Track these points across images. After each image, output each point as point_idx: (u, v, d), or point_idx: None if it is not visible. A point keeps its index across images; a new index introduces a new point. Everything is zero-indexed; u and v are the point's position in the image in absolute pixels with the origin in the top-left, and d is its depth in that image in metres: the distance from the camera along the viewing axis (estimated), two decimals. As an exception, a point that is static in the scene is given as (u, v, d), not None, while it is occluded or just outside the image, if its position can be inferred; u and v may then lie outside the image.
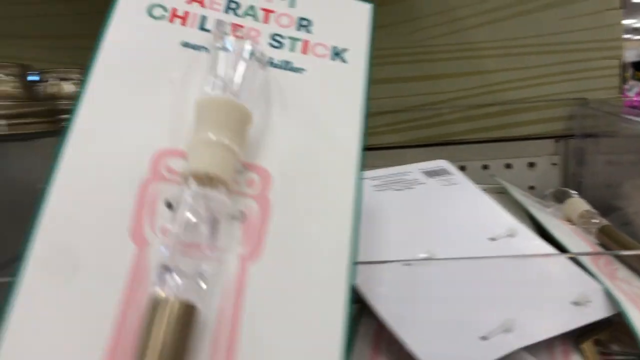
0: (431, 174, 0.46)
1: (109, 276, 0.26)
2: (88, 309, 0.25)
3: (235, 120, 0.28)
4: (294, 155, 0.30)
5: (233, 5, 0.33)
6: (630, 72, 2.38)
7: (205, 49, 0.31)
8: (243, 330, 0.25)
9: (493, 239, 0.41)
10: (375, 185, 0.44)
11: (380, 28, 0.73)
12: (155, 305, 0.24)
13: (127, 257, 0.26)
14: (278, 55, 0.32)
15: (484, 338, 0.33)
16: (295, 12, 0.34)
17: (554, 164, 0.73)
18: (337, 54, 0.33)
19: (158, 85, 0.30)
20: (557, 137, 0.73)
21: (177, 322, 0.23)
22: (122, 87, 0.30)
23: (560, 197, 0.60)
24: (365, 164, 0.31)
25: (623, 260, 0.42)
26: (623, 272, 0.41)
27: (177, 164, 0.28)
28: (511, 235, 0.41)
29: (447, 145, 0.74)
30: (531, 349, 0.34)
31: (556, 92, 0.72)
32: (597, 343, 0.37)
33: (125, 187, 0.28)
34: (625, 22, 0.74)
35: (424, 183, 0.45)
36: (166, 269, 0.25)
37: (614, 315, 0.36)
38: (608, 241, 0.47)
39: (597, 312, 0.36)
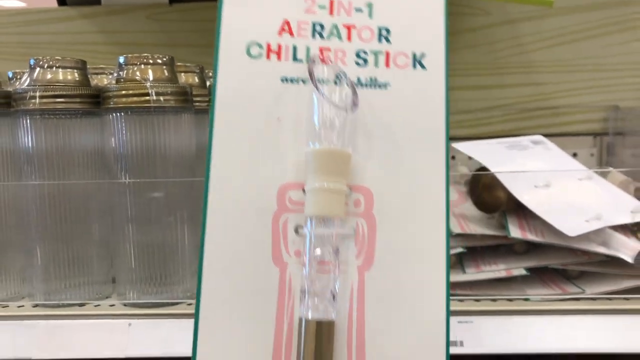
0: (535, 142, 0.69)
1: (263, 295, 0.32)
2: (252, 326, 0.32)
3: (339, 163, 0.32)
4: (389, 172, 0.33)
5: (318, 28, 0.34)
6: None
7: (302, 80, 0.34)
8: (368, 328, 0.32)
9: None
10: (505, 147, 0.67)
11: (464, 48, 0.97)
12: (300, 328, 0.31)
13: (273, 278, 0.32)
14: (364, 74, 0.35)
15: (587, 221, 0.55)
16: (374, 23, 0.35)
17: (592, 155, 0.96)
18: (418, 61, 0.35)
19: (269, 125, 0.33)
20: (594, 135, 0.96)
21: (320, 338, 0.30)
22: (240, 132, 0.33)
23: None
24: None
25: None
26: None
27: (297, 195, 0.33)
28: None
29: (510, 138, 0.96)
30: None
31: (595, 100, 0.96)
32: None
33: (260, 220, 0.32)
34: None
35: (533, 148, 0.68)
36: (306, 293, 0.31)
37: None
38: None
39: None
